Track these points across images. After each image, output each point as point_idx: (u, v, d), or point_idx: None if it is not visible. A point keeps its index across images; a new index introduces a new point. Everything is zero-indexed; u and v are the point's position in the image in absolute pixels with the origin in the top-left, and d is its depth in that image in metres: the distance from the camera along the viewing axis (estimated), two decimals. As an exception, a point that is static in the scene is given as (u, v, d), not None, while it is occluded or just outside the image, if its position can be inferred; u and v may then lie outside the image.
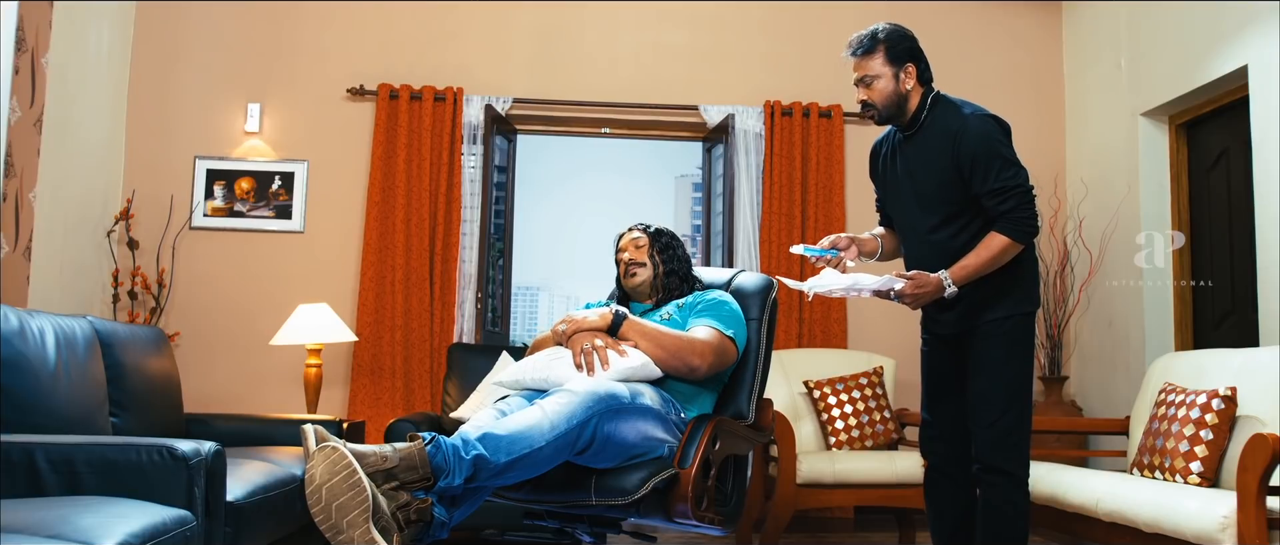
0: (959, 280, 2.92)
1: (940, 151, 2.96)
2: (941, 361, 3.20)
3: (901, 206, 3.14)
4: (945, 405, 3.19)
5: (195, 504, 2.50)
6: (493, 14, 5.73)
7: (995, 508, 3.00)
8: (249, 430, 4.22)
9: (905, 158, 3.08)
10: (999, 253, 2.91)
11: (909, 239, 3.16)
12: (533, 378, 2.84)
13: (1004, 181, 2.89)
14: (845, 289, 2.97)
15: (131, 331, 3.85)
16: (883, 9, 5.86)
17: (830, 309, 5.56)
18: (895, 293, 2.91)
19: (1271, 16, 4.24)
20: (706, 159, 6.11)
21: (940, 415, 3.20)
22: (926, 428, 3.26)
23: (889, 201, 3.22)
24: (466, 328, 5.50)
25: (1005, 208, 2.90)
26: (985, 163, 2.89)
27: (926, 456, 3.27)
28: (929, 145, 3.00)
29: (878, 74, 2.99)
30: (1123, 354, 5.29)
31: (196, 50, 5.57)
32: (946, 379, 3.18)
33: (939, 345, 3.20)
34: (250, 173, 5.52)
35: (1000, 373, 3.00)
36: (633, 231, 3.27)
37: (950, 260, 2.95)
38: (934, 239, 3.03)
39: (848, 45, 3.04)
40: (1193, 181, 5.10)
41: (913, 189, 3.06)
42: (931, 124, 3.01)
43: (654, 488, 2.58)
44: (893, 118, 3.04)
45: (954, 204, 2.98)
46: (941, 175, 2.97)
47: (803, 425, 5.02)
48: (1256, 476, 2.97)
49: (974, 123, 2.93)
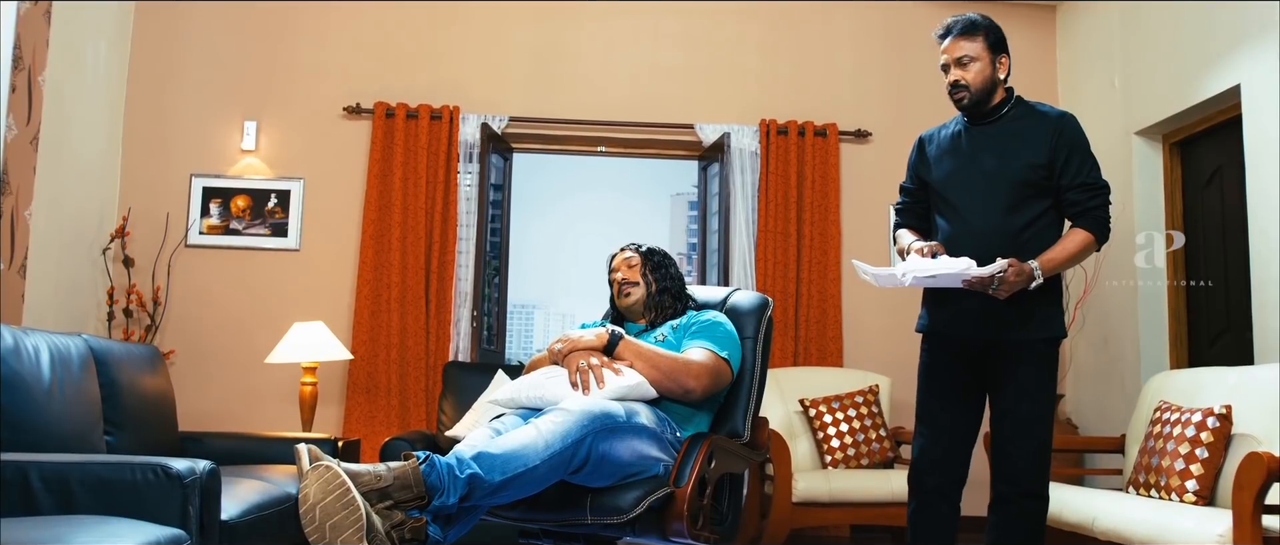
0: (1046, 272, 2.92)
1: (1038, 137, 3.00)
2: (951, 375, 3.12)
3: (967, 191, 3.06)
4: (950, 423, 3.11)
5: (189, 523, 2.49)
6: (489, 33, 5.75)
7: (1028, 532, 2.98)
8: (244, 449, 4.20)
9: (980, 144, 3.07)
10: (1082, 249, 2.96)
11: (961, 225, 3.06)
12: (528, 396, 2.84)
13: (1094, 178, 3.00)
14: (945, 274, 2.87)
15: (126, 349, 3.85)
16: (879, 25, 5.91)
17: (826, 327, 5.57)
18: (996, 277, 2.83)
19: (1264, 36, 4.27)
20: (702, 177, 6.12)
21: (941, 434, 3.11)
22: (926, 450, 3.12)
23: (950, 187, 3.10)
24: (462, 346, 5.49)
25: (1093, 204, 2.98)
26: (1080, 156, 2.98)
27: (923, 479, 3.13)
28: (1021, 132, 3.03)
29: (976, 57, 3.04)
30: (1118, 372, 5.29)
31: (193, 68, 5.58)
32: (954, 394, 3.11)
33: (950, 358, 3.12)
34: (246, 190, 5.52)
35: (1043, 396, 3.00)
36: (625, 251, 3.28)
37: (1007, 246, 2.91)
38: (1001, 224, 2.98)
39: (943, 25, 3.09)
40: (1187, 200, 5.12)
41: (987, 173, 3.02)
42: (1016, 116, 3.07)
43: (649, 507, 2.58)
44: (979, 103, 3.06)
45: (1031, 189, 2.99)
46: (1034, 159, 2.99)
47: (798, 444, 5.01)
48: (1252, 495, 2.98)
49: (1071, 118, 3.04)
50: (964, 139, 3.11)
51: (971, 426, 3.13)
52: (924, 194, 3.23)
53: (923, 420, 3.15)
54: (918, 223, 3.27)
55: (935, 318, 3.13)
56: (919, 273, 2.87)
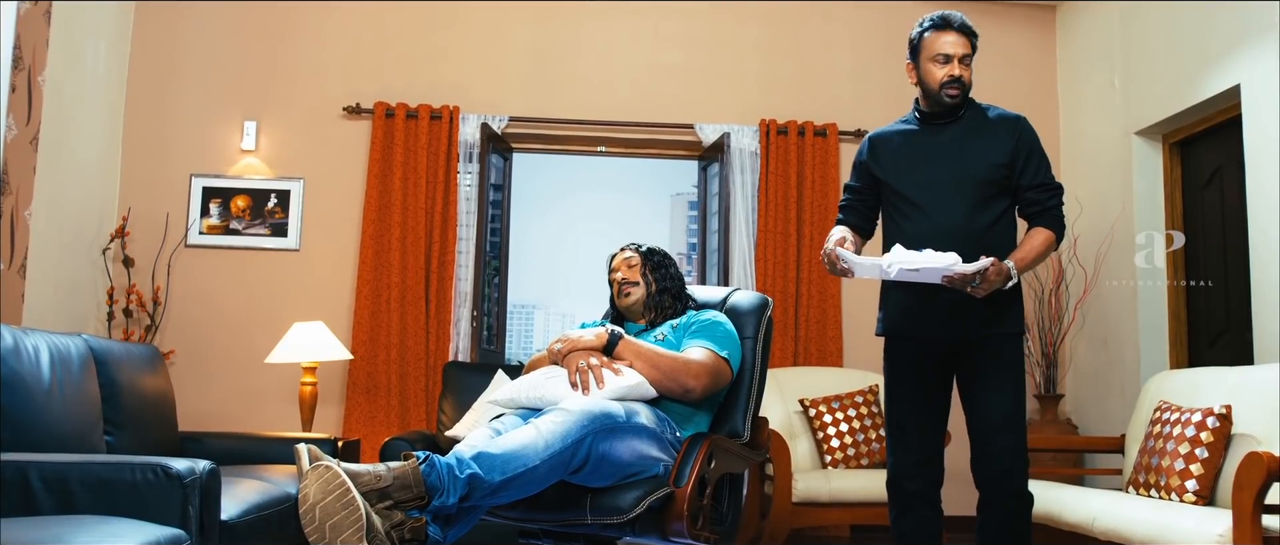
0: (1020, 270, 2.95)
1: (1000, 138, 3.04)
2: (917, 378, 3.11)
3: (931, 190, 3.04)
4: (920, 429, 3.11)
5: (189, 523, 2.49)
6: (489, 33, 5.75)
7: (1017, 532, 3.01)
8: (244, 449, 4.20)
9: (940, 144, 3.08)
10: (1047, 247, 3.02)
11: (926, 224, 3.02)
12: (528, 396, 2.84)
13: (1051, 178, 3.06)
14: (928, 268, 2.83)
15: (126, 350, 3.85)
16: (879, 25, 5.90)
17: (826, 327, 5.57)
18: (979, 274, 2.82)
19: (1263, 36, 4.27)
20: (702, 177, 6.12)
21: (913, 442, 3.10)
22: (901, 459, 3.11)
23: (912, 186, 3.07)
24: (462, 346, 5.49)
25: (1052, 203, 3.03)
26: (1038, 157, 3.05)
27: (902, 486, 3.12)
28: (980, 133, 3.05)
29: (970, 58, 3.07)
30: (1118, 372, 5.29)
31: (193, 68, 5.58)
32: (921, 399, 3.11)
33: (915, 361, 3.11)
34: (246, 191, 5.52)
35: (1018, 391, 3.02)
36: (625, 252, 3.28)
37: (974, 245, 2.90)
38: (966, 223, 2.99)
39: (942, 16, 3.07)
40: (1187, 200, 5.12)
41: (951, 172, 3.03)
42: (973, 117, 3.09)
43: (649, 507, 2.58)
44: (961, 103, 3.07)
45: (994, 188, 3.02)
46: (997, 159, 3.02)
47: (798, 444, 5.01)
48: (1252, 495, 2.98)
49: (1026, 120, 3.10)
50: (922, 138, 3.12)
51: (941, 427, 3.15)
52: (871, 194, 3.24)
53: (895, 431, 3.15)
54: (860, 221, 3.28)
55: (898, 318, 3.12)
56: (905, 265, 2.84)
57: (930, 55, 3.05)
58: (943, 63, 3.03)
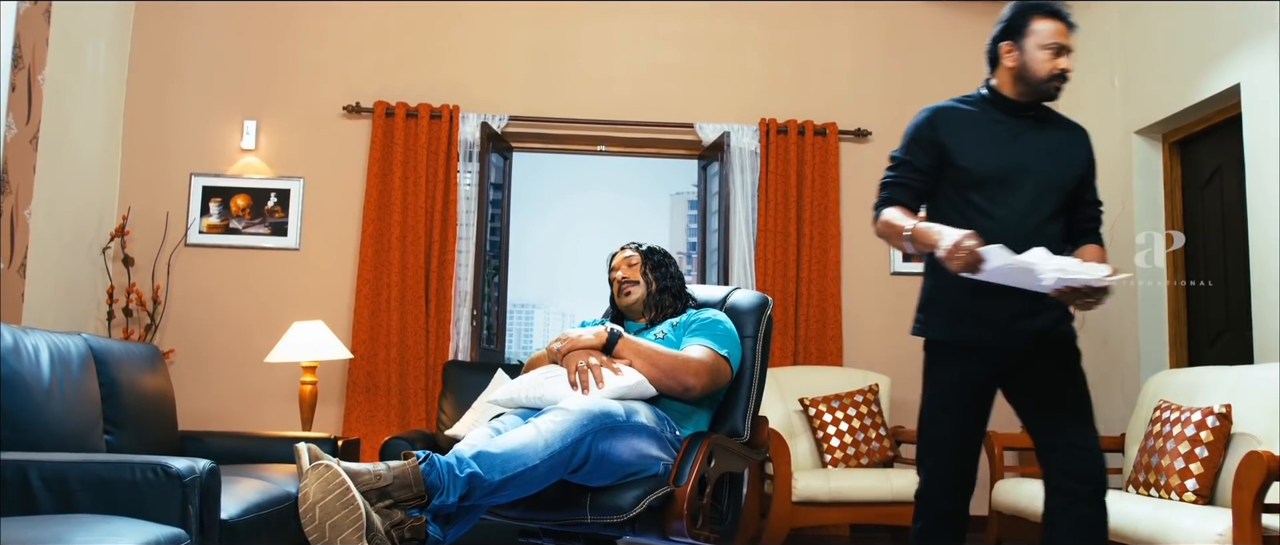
0: None
1: (1079, 148, 2.91)
2: (976, 385, 2.86)
3: (1016, 189, 2.78)
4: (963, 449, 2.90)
5: (189, 522, 2.49)
6: (489, 32, 5.75)
7: (1101, 539, 2.77)
8: (244, 448, 4.21)
9: (1034, 142, 2.84)
10: None
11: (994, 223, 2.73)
12: (528, 396, 2.84)
13: (1098, 196, 2.97)
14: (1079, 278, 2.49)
15: (126, 349, 3.85)
16: (879, 23, 5.90)
17: (826, 326, 5.56)
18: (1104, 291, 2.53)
19: (1264, 36, 4.27)
20: (702, 177, 6.13)
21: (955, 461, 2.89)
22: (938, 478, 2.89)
23: (995, 179, 2.79)
24: (462, 345, 5.49)
25: (1100, 219, 2.96)
26: (1093, 173, 2.96)
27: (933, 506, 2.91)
28: (1068, 141, 2.90)
29: None
30: (1118, 371, 5.29)
31: (193, 67, 5.58)
32: (970, 417, 2.89)
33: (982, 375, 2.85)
34: (246, 190, 5.52)
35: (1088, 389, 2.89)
36: (625, 251, 3.29)
37: None
38: (1042, 229, 2.77)
39: (1066, 11, 2.83)
40: (1187, 199, 5.12)
41: (1042, 174, 2.81)
42: (1057, 119, 2.94)
43: (649, 506, 2.58)
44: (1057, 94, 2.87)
45: (1068, 198, 2.87)
46: (1078, 170, 2.89)
47: (798, 443, 5.01)
48: (1251, 494, 2.98)
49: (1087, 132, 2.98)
50: (1010, 128, 2.84)
51: (981, 440, 2.95)
52: (933, 174, 2.85)
53: (934, 445, 2.91)
54: (912, 203, 2.88)
55: (952, 322, 2.84)
56: (1066, 274, 2.46)
57: (1042, 41, 2.78)
58: (1054, 53, 2.78)
